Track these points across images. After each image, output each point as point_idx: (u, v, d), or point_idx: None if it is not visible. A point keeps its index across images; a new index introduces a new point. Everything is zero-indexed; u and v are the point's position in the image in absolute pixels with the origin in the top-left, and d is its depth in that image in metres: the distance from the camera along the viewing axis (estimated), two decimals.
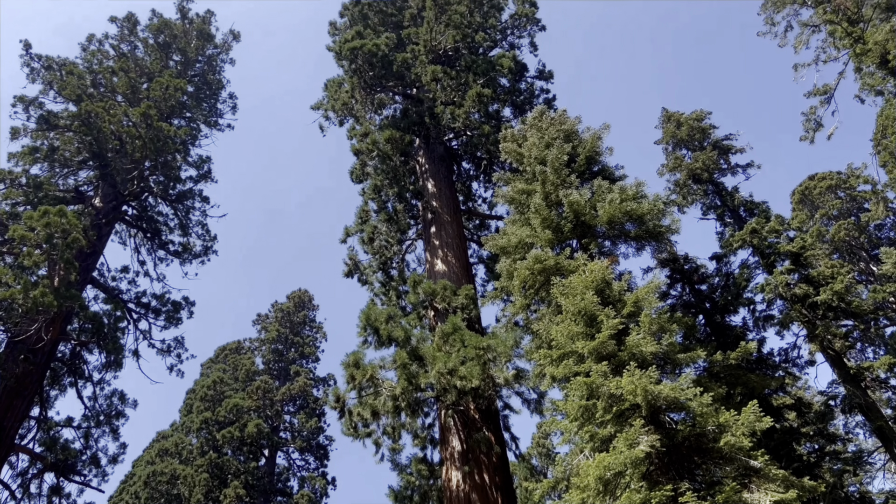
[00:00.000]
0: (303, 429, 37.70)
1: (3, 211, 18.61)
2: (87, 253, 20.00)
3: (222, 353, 45.40)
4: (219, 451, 34.67)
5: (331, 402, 13.79)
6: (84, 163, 22.96)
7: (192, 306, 23.97)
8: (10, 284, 15.84)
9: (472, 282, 17.48)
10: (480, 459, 12.52)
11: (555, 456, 38.50)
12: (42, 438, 18.66)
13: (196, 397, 38.73)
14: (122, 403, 20.27)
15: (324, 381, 42.50)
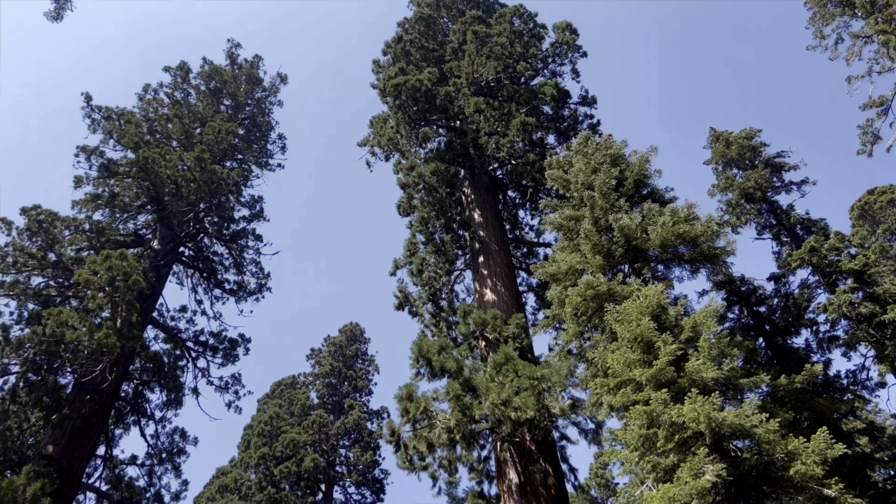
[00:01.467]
0: (358, 462, 37.70)
1: (68, 256, 19.40)
2: (147, 294, 20.63)
3: (278, 389, 45.95)
4: (277, 486, 34.91)
5: (386, 436, 13.78)
6: (142, 207, 23.85)
7: (248, 343, 24.41)
8: (76, 327, 16.43)
9: (523, 310, 17.36)
10: (539, 492, 12.29)
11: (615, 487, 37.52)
12: (108, 477, 19.13)
13: (253, 433, 39.20)
14: (183, 441, 20.67)
15: (377, 414, 42.53)
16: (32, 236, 18.84)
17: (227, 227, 25.51)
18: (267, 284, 26.99)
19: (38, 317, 17.11)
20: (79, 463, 17.23)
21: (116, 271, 17.15)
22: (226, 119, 27.57)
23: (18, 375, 17.14)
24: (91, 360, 17.07)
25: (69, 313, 16.58)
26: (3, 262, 18.59)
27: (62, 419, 16.77)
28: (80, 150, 23.16)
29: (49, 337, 16.37)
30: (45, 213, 19.00)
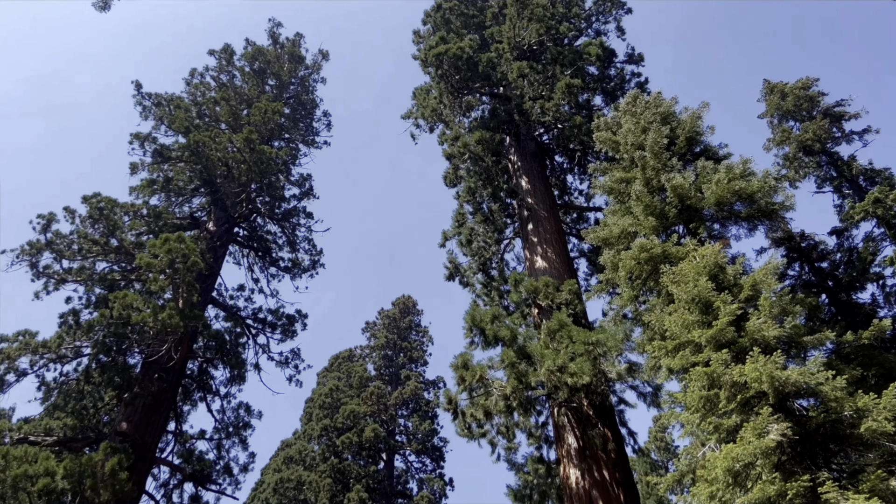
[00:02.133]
0: (417, 431, 38.37)
1: (129, 241, 20.07)
2: (206, 275, 21.21)
3: (336, 362, 46.95)
4: (339, 456, 35.87)
5: (443, 404, 13.91)
6: (196, 190, 24.43)
7: (305, 318, 24.93)
8: (141, 309, 17.04)
9: (575, 276, 17.22)
10: (598, 456, 12.30)
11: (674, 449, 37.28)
12: (179, 451, 19.97)
13: (315, 405, 40.24)
14: (248, 415, 21.37)
15: (433, 383, 43.09)
16: (95, 223, 19.54)
17: (279, 206, 25.95)
18: (320, 261, 27.43)
19: (105, 300, 17.81)
20: (152, 438, 18.00)
21: (175, 254, 17.66)
22: (271, 99, 27.88)
23: (90, 357, 17.94)
24: (157, 341, 17.71)
25: (134, 296, 17.20)
26: (69, 250, 19.36)
27: (133, 397, 17.51)
28: (133, 138, 23.79)
29: (116, 319, 17.03)
30: (105, 200, 19.65)
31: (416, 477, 38.07)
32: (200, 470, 18.99)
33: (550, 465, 14.32)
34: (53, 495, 14.04)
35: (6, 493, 13.80)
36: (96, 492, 14.38)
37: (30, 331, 17.79)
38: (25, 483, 13.73)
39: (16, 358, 17.57)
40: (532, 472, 14.50)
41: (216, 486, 19.65)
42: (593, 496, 11.64)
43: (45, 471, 13.96)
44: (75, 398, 18.39)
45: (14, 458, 13.99)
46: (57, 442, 17.20)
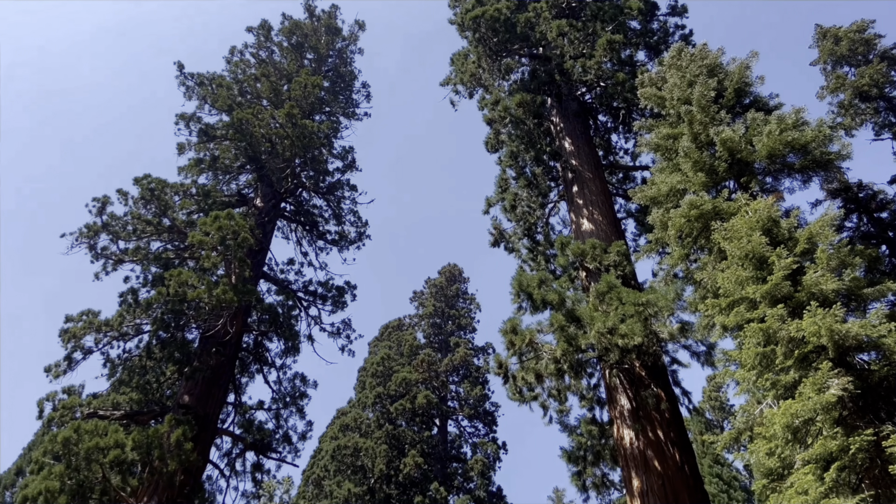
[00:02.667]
0: (469, 397, 38.81)
1: (181, 220, 20.57)
2: (256, 250, 21.64)
3: (386, 331, 47.63)
4: (393, 423, 36.59)
5: (493, 369, 14.05)
6: (242, 168, 24.82)
7: (354, 290, 25.26)
8: (196, 286, 17.52)
9: (622, 238, 16.97)
10: (652, 416, 12.24)
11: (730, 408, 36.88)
12: (239, 421, 20.62)
13: (367, 374, 41.01)
14: (303, 385, 21.91)
15: (483, 350, 43.39)
16: (147, 204, 20.06)
17: (323, 179, 26.18)
18: (366, 232, 27.67)
19: (161, 279, 18.35)
20: (213, 410, 18.62)
21: (226, 231, 18.04)
22: (310, 73, 27.94)
23: (150, 334, 18.58)
24: (213, 316, 18.21)
25: (188, 273, 17.68)
26: (124, 231, 19.96)
27: (193, 371, 18.11)
28: (179, 118, 24.23)
29: (173, 297, 17.55)
30: (156, 181, 20.13)
31: (470, 441, 38.63)
32: (261, 439, 19.61)
33: (603, 427, 14.33)
34: (124, 465, 14.71)
35: (80, 465, 14.50)
36: (164, 462, 15.00)
37: (92, 310, 18.48)
38: (98, 455, 14.39)
39: (81, 337, 18.30)
40: (585, 434, 14.55)
41: (277, 455, 20.28)
42: (648, 456, 11.63)
43: (115, 443, 14.61)
44: (139, 373, 19.10)
45: (86, 431, 14.66)
46: (124, 415, 17.95)
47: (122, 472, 14.81)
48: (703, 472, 30.55)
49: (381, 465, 34.62)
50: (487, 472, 34.46)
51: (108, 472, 14.53)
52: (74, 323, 18.24)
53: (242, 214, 21.20)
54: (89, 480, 14.49)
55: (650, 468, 11.44)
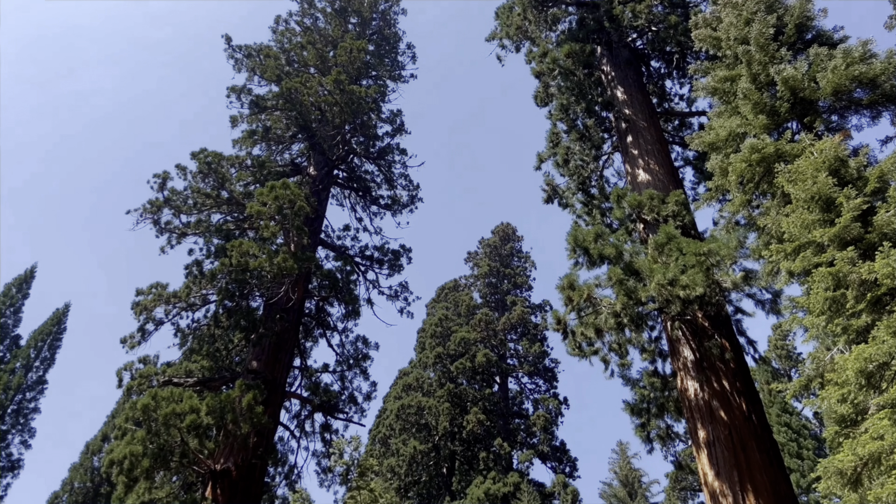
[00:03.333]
0: (528, 354, 39.00)
1: (238, 192, 21.03)
2: (312, 218, 21.98)
3: (442, 293, 48.05)
4: (454, 381, 37.14)
5: (552, 326, 14.03)
6: (294, 137, 25.11)
7: (409, 252, 25.49)
8: (257, 255, 17.96)
9: (680, 187, 16.54)
10: (716, 366, 12.07)
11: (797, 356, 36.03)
12: (306, 384, 21.28)
13: (426, 335, 41.60)
14: (365, 347, 22.38)
15: (540, 307, 43.37)
16: (205, 178, 20.55)
17: (373, 144, 26.27)
18: (418, 195, 27.75)
19: (224, 250, 18.87)
20: (280, 374, 19.24)
21: (282, 200, 18.36)
22: (355, 37, 27.86)
23: (217, 303, 19.21)
24: (275, 284, 18.68)
25: (249, 244, 18.13)
26: (185, 205, 20.54)
27: (260, 337, 18.69)
28: (230, 91, 24.56)
29: (235, 267, 18.04)
30: (212, 154, 20.57)
31: (531, 397, 38.96)
32: (327, 400, 20.21)
33: (666, 379, 14.21)
34: (200, 429, 15.38)
35: (160, 430, 15.24)
36: (237, 425, 15.62)
37: (161, 283, 19.19)
38: (175, 420, 15.09)
39: (152, 309, 19.06)
40: (648, 386, 14.47)
41: (343, 415, 20.88)
42: (713, 406, 11.50)
43: (190, 408, 15.27)
44: (208, 342, 19.83)
45: (163, 398, 15.37)
46: (197, 382, 18.72)
47: (199, 436, 15.50)
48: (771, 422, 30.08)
49: (445, 423, 35.30)
50: (550, 427, 34.76)
51: (186, 436, 15.23)
52: (145, 296, 18.99)
53: (297, 183, 21.53)
54: (169, 444, 15.24)
55: (716, 418, 11.33)
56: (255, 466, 16.95)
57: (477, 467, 33.99)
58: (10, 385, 36.36)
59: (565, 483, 31.93)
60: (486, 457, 33.21)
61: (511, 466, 33.18)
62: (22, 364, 38.12)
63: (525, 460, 33.01)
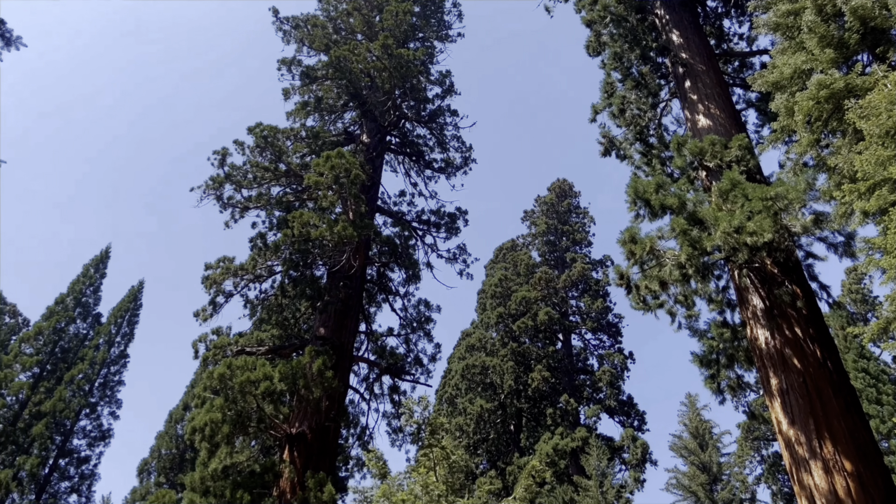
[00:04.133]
0: (590, 310, 38.77)
1: (295, 164, 21.38)
2: (368, 185, 22.21)
3: (500, 253, 48.02)
4: (517, 340, 37.32)
5: (614, 281, 13.87)
6: (346, 106, 25.25)
7: (466, 215, 25.52)
8: (318, 225, 18.32)
9: (743, 130, 15.93)
10: (787, 314, 11.74)
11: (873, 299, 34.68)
12: (372, 348, 21.79)
13: (487, 296, 41.80)
14: (427, 310, 22.71)
15: (600, 263, 42.89)
16: (262, 151, 20.97)
17: (424, 108, 26.19)
18: (471, 157, 27.61)
19: (285, 221, 19.31)
20: (347, 340, 19.73)
21: (338, 169, 18.59)
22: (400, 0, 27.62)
23: (282, 273, 19.76)
24: (336, 252, 19.05)
25: (309, 214, 18.49)
26: (245, 179, 21.04)
27: (325, 305, 19.17)
28: (280, 64, 24.81)
29: (297, 237, 18.46)
30: (268, 128, 20.93)
31: (596, 353, 38.84)
32: (394, 363, 20.65)
33: (735, 329, 13.93)
34: (274, 395, 15.99)
35: (236, 397, 15.91)
36: (309, 390, 16.15)
37: (228, 257, 19.82)
38: (250, 387, 15.71)
39: (221, 282, 19.74)
40: (716, 337, 14.22)
41: (410, 377, 21.34)
42: (786, 354, 11.23)
43: (264, 375, 15.87)
44: (276, 311, 20.45)
45: (237, 367, 16.00)
46: (268, 350, 19.38)
47: (274, 402, 16.12)
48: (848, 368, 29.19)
49: (510, 381, 35.62)
50: (616, 382, 34.66)
51: (262, 402, 15.86)
52: (213, 270, 19.66)
53: (351, 152, 21.73)
54: (246, 410, 15.92)
55: (789, 366, 11.07)
56: (328, 429, 17.55)
57: (544, 423, 34.29)
58: (96, 360, 38.47)
59: (634, 436, 31.93)
60: (552, 413, 33.43)
61: (578, 422, 33.33)
62: (105, 340, 40.23)
63: (592, 415, 33.09)
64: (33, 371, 36.56)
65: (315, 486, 14.76)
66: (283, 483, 15.94)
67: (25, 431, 34.13)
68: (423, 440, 12.58)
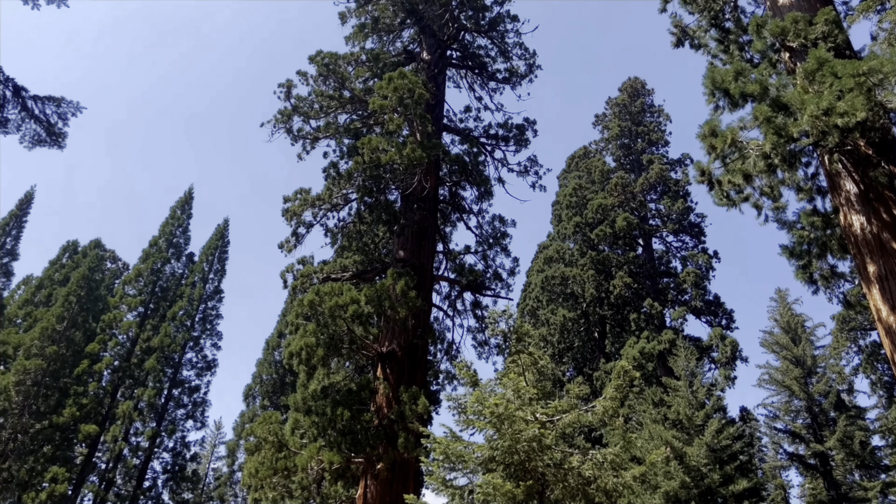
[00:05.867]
0: (670, 212, 37.76)
1: (358, 89, 21.34)
2: (433, 104, 21.98)
3: (572, 162, 47.04)
4: (596, 249, 36.98)
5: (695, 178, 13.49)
6: (403, 23, 24.75)
7: (534, 125, 24.95)
8: (386, 149, 18.40)
9: (829, 3, 14.68)
10: (884, 196, 11.09)
11: None
12: (451, 267, 22.12)
13: (561, 206, 41.31)
14: (502, 225, 22.68)
15: (679, 162, 41.38)
16: (325, 80, 20.98)
17: (483, 16, 25.34)
18: (535, 63, 26.72)
19: (355, 149, 19.48)
20: (426, 260, 20.09)
21: (401, 91, 18.44)
22: None
23: (357, 200, 20.11)
24: (407, 174, 19.15)
25: (377, 139, 18.56)
26: (311, 109, 21.21)
27: (402, 228, 19.48)
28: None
29: (368, 163, 18.65)
30: (328, 55, 20.84)
31: (678, 255, 38.03)
32: (473, 280, 20.92)
33: (828, 216, 13.30)
34: (362, 317, 16.61)
35: (327, 322, 16.63)
36: (395, 310, 16.67)
37: (304, 188, 20.30)
38: (339, 311, 16.36)
39: (300, 213, 20.31)
40: (807, 227, 13.64)
41: (490, 291, 21.61)
42: (883, 239, 10.69)
43: (350, 300, 16.45)
44: (355, 238, 20.96)
45: (325, 293, 16.64)
46: (353, 276, 19.99)
47: (363, 324, 16.76)
48: None
49: (591, 290, 35.56)
50: (701, 283, 34.01)
51: (351, 325, 16.52)
52: (292, 202, 20.21)
53: (413, 71, 21.43)
54: (337, 333, 16.65)
55: (887, 251, 10.55)
56: (416, 346, 18.17)
57: (628, 329, 34.27)
58: (193, 297, 40.81)
59: (722, 335, 31.50)
60: (636, 318, 33.31)
61: (664, 325, 33.10)
62: (199, 277, 42.51)
63: (678, 317, 32.76)
64: (138, 310, 39.23)
65: (409, 400, 15.44)
66: (378, 398, 16.76)
67: (139, 366, 37.00)
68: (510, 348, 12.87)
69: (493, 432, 10.11)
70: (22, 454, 31.47)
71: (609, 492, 9.84)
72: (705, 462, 22.34)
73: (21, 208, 37.95)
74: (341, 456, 14.64)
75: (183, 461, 36.35)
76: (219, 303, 42.70)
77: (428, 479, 10.81)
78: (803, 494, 39.27)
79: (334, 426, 15.20)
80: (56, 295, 39.00)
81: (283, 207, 20.22)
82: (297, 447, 15.56)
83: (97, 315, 38.54)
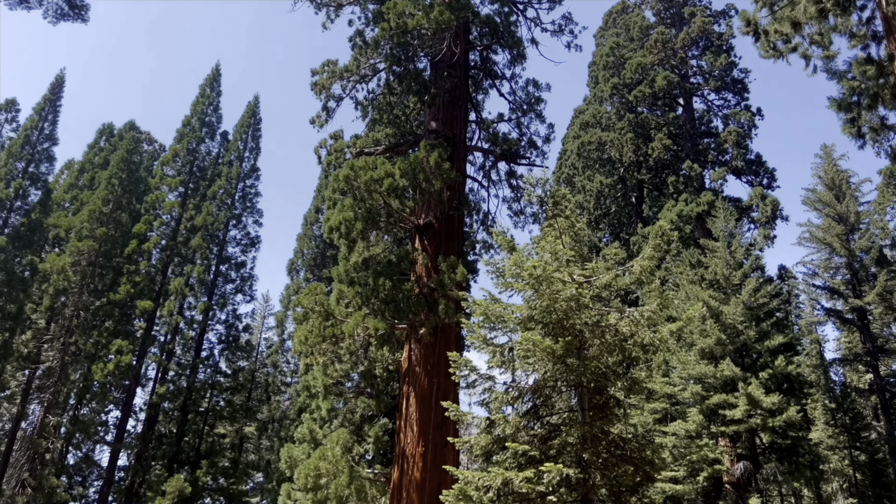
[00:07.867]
0: (713, 69, 36.01)
1: None
2: None
3: (609, 18, 44.65)
4: (634, 111, 35.85)
5: (740, 29, 12.85)
6: None
7: None
8: (413, 13, 17.66)
9: None
10: None
11: None
12: (485, 136, 21.72)
13: (598, 68, 39.72)
14: (536, 90, 21.90)
15: (723, 13, 38.88)
16: None
17: None
18: None
19: (380, 14, 18.73)
20: (459, 131, 19.77)
21: None
22: None
23: (386, 70, 19.60)
24: (436, 40, 18.46)
25: (403, 2, 17.78)
26: None
27: (433, 97, 19.03)
28: None
29: (395, 30, 17.98)
30: None
31: (720, 114, 36.66)
32: (508, 148, 20.60)
33: (881, 64, 12.54)
34: (398, 191, 16.69)
35: (363, 196, 16.77)
36: (429, 182, 16.67)
37: (331, 59, 19.80)
38: (374, 185, 16.44)
39: (329, 87, 19.94)
40: (858, 76, 12.93)
41: (525, 160, 21.30)
42: None
43: (385, 173, 16.47)
44: (386, 110, 20.62)
45: (359, 167, 16.67)
46: (386, 149, 19.87)
47: (398, 197, 16.87)
48: None
49: (629, 154, 34.88)
50: (743, 142, 32.96)
51: (387, 198, 16.65)
52: (320, 75, 19.81)
53: None
54: (374, 207, 16.83)
55: None
56: (452, 217, 18.31)
57: (667, 192, 33.84)
58: (231, 175, 41.32)
59: (763, 195, 30.91)
60: (675, 181, 32.76)
61: (703, 187, 32.54)
62: (235, 156, 42.81)
63: (718, 178, 32.08)
64: (179, 191, 40.04)
65: (448, 269, 15.79)
66: (418, 268, 17.18)
67: (185, 244, 38.27)
68: (546, 213, 12.91)
69: (532, 293, 10.36)
70: (86, 329, 33.57)
71: (646, 346, 10.15)
72: (741, 320, 22.70)
73: (53, 92, 37.90)
74: (385, 322, 15.26)
75: (236, 332, 38.30)
76: (256, 181, 43.19)
77: (469, 338, 11.27)
78: (839, 348, 39.98)
79: (377, 295, 15.74)
80: (98, 178, 39.85)
81: (312, 81, 19.86)
82: (342, 316, 16.23)
83: (140, 196, 39.49)
